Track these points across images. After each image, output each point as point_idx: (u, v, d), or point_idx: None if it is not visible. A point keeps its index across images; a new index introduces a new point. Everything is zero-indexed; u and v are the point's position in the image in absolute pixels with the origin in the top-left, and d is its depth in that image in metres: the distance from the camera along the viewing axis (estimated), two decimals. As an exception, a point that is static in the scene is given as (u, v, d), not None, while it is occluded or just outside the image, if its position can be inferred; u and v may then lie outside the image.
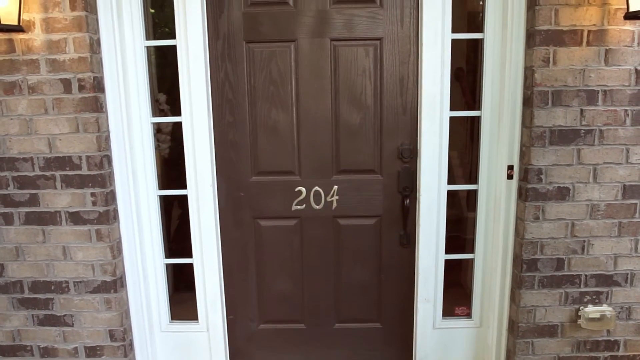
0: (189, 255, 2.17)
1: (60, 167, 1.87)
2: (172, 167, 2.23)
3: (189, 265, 2.18)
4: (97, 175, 1.87)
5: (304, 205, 2.14)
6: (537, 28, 1.76)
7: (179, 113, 2.03)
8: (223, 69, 2.02)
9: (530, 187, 1.87)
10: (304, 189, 2.12)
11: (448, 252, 2.14)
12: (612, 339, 2.00)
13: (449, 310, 2.22)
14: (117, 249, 1.98)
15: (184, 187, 2.09)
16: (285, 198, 2.13)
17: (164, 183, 2.18)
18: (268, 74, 2.02)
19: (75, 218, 1.91)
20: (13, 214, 1.92)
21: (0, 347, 2.05)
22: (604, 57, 1.77)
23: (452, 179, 2.11)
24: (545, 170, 1.86)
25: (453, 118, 2.03)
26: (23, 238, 1.94)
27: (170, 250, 2.25)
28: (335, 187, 2.11)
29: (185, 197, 2.10)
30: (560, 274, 1.94)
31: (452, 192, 2.12)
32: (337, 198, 2.12)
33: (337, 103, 2.04)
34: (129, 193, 2.03)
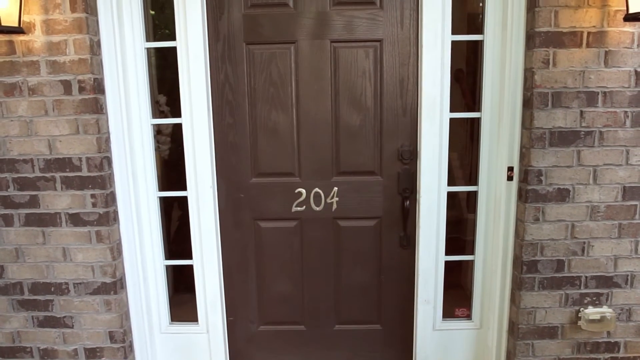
0: (189, 257, 2.17)
1: (61, 168, 1.87)
2: (172, 168, 2.23)
3: (189, 267, 2.18)
4: (97, 177, 1.87)
5: (304, 207, 2.14)
6: (537, 30, 1.76)
7: (179, 114, 2.03)
8: (223, 71, 2.02)
9: (530, 188, 1.87)
10: (304, 191, 2.12)
11: (448, 253, 2.14)
12: (612, 341, 2.00)
13: (449, 312, 2.22)
14: (117, 251, 1.98)
15: (184, 188, 2.09)
16: (285, 199, 2.13)
17: (164, 184, 2.18)
18: (268, 76, 2.02)
19: (75, 219, 1.91)
20: (13, 216, 1.92)
21: (0, 348, 2.05)
22: (604, 58, 1.77)
23: (452, 181, 2.11)
24: (545, 172, 1.86)
25: (453, 119, 2.03)
26: (23, 239, 1.94)
27: (170, 252, 2.25)
28: (335, 188, 2.11)
29: (185, 198, 2.10)
30: (561, 276, 1.94)
31: (452, 193, 2.13)
32: (337, 199, 2.12)
33: (337, 104, 2.04)
34: (129, 194, 2.03)
